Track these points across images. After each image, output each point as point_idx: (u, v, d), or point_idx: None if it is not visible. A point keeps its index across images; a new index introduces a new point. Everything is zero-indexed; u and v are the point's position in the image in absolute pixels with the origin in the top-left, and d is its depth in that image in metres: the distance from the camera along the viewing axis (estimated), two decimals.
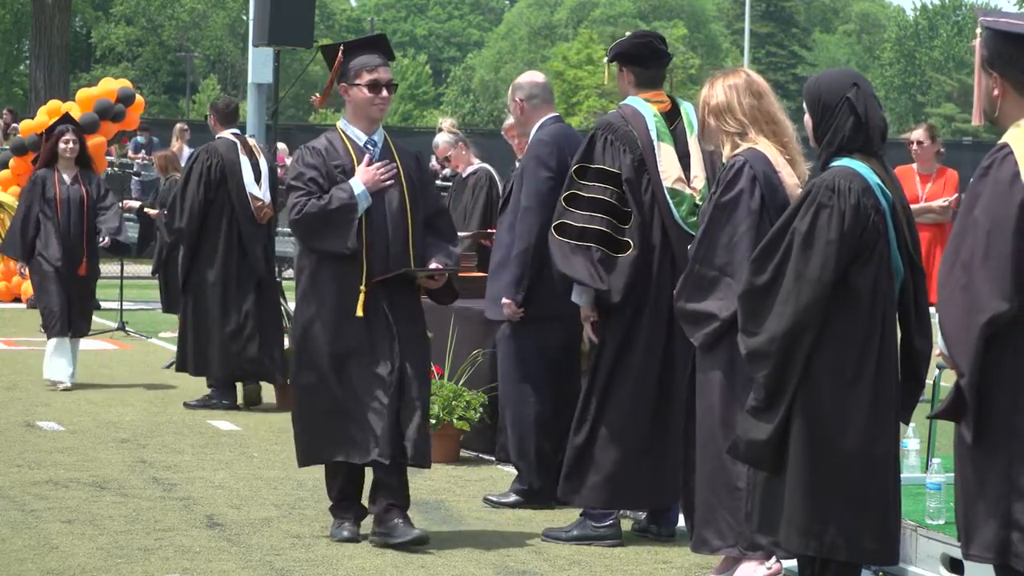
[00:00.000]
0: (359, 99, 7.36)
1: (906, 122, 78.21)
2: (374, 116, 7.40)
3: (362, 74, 7.33)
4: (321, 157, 7.31)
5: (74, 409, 11.57)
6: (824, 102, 5.60)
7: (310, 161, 7.30)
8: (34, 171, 13.18)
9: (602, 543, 7.53)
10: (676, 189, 7.44)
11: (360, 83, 7.33)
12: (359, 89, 7.34)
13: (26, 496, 8.34)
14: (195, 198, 11.90)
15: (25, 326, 17.70)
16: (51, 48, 33.55)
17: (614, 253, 7.38)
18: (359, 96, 7.35)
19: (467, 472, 9.35)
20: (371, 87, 7.33)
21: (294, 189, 7.28)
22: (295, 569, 6.91)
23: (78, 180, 12.86)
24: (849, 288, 5.43)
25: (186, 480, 8.93)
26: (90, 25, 78.63)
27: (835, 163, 5.54)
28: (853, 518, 5.46)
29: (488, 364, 9.47)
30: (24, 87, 61.45)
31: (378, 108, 7.38)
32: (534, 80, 8.60)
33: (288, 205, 7.27)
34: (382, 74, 7.36)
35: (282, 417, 11.41)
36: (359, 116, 7.40)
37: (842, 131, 5.57)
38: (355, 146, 7.39)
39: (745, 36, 58.74)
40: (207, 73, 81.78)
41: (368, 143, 7.41)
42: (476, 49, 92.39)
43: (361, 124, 7.41)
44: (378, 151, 7.40)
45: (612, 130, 7.50)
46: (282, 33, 14.70)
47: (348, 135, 7.40)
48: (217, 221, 11.94)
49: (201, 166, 11.98)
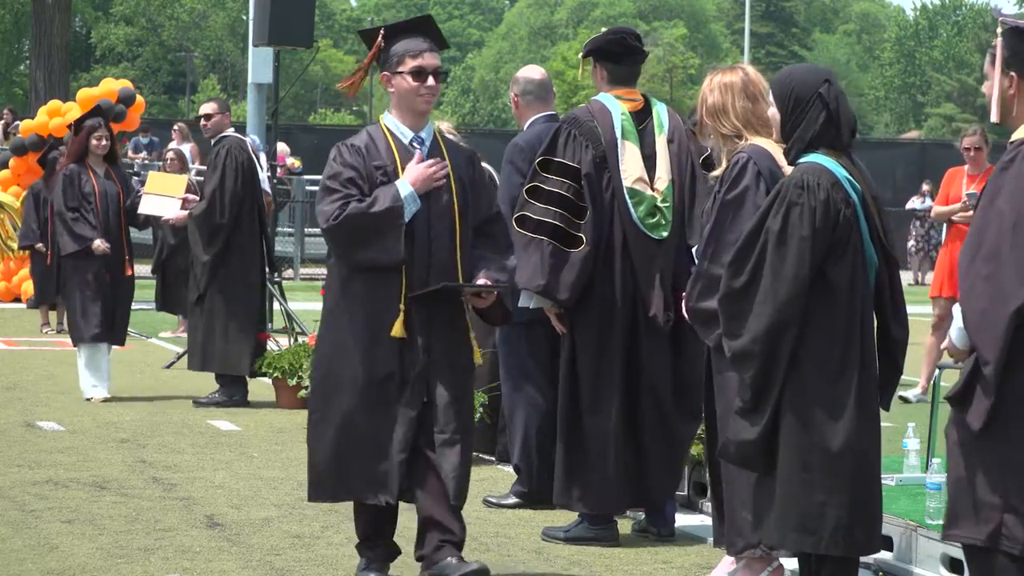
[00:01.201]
0: (403, 89, 6.40)
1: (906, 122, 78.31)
2: (420, 109, 6.43)
3: (405, 60, 6.38)
4: (360, 156, 6.37)
5: (74, 409, 11.57)
6: (796, 96, 5.66)
7: (348, 160, 6.37)
8: (64, 166, 12.74)
9: (600, 544, 7.54)
10: (636, 189, 7.44)
11: (403, 71, 6.37)
12: (402, 78, 6.38)
13: (26, 496, 8.34)
14: (235, 192, 11.99)
15: (25, 326, 17.71)
16: (51, 48, 33.57)
17: (566, 248, 7.39)
18: (402, 86, 6.39)
19: None
20: (416, 75, 6.35)
21: (330, 192, 6.34)
22: (295, 569, 6.91)
23: (111, 175, 12.50)
24: (827, 282, 5.50)
25: (186, 480, 8.93)
26: (90, 25, 78.64)
27: (803, 159, 5.60)
28: (846, 512, 5.49)
29: (488, 364, 9.45)
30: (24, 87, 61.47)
31: (424, 99, 6.40)
32: (529, 76, 8.58)
33: (323, 210, 6.34)
34: (428, 60, 6.38)
35: (282, 417, 11.42)
36: (404, 109, 6.45)
37: (813, 126, 5.64)
38: (399, 144, 6.44)
39: (745, 36, 58.72)
40: (207, 73, 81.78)
41: (415, 140, 6.46)
42: (476, 49, 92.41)
43: (406, 118, 6.46)
44: (426, 150, 6.44)
45: (576, 124, 7.50)
46: (282, 33, 14.73)
47: (392, 131, 6.46)
48: (248, 220, 12.04)
49: (235, 161, 12.04)
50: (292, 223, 27.55)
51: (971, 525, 4.88)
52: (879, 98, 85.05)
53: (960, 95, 77.92)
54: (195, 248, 12.10)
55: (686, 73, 72.12)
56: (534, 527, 7.87)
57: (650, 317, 7.44)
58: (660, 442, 7.53)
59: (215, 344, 11.99)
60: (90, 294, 12.09)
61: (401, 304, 6.30)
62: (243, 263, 12.01)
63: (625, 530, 7.76)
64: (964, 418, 4.90)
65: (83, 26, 77.55)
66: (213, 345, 12.00)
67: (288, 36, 15.02)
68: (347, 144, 6.40)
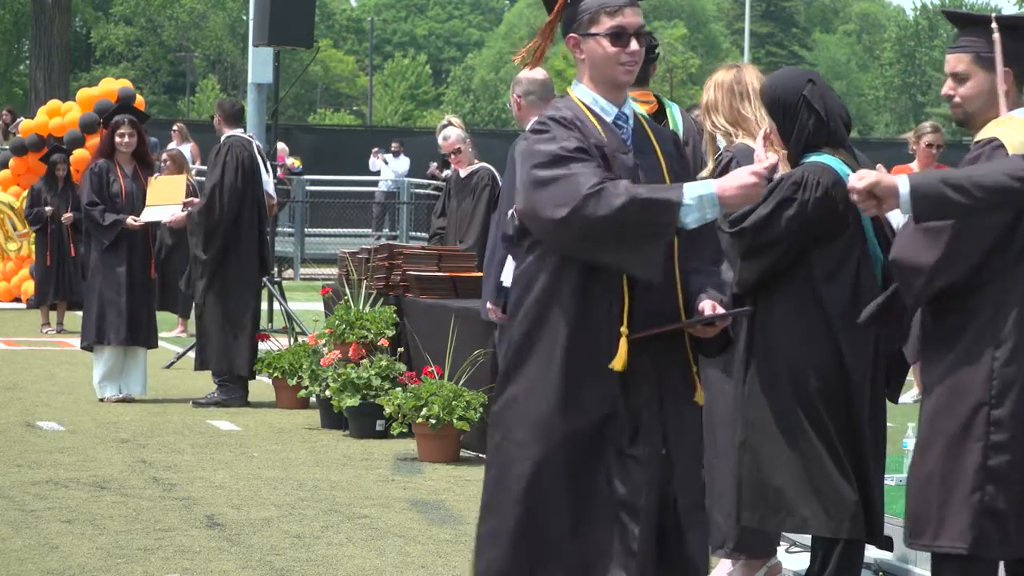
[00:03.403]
0: (597, 56, 4.90)
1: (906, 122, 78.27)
2: (620, 80, 4.93)
3: (600, 19, 4.91)
4: (576, 129, 4.84)
5: (74, 409, 11.57)
6: (783, 103, 5.73)
7: (566, 132, 4.82)
8: (92, 160, 12.56)
9: None
10: None
11: (598, 32, 4.89)
12: (596, 41, 4.89)
13: (26, 496, 8.35)
14: (234, 188, 11.98)
15: (25, 326, 17.71)
16: (51, 48, 33.58)
17: None
18: (597, 52, 4.90)
19: (467, 472, 9.35)
20: (614, 38, 4.86)
21: (561, 161, 4.70)
22: (295, 569, 6.91)
23: (138, 174, 12.29)
24: (809, 270, 5.61)
25: (186, 480, 8.93)
26: (90, 25, 78.66)
27: (806, 160, 5.66)
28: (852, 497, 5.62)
29: (488, 364, 9.48)
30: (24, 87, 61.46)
31: (626, 68, 4.91)
32: (532, 77, 8.58)
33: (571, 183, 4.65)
34: (629, 18, 4.91)
35: (282, 417, 11.42)
36: (600, 80, 4.93)
37: (806, 128, 5.70)
38: (603, 123, 4.90)
39: (745, 36, 58.74)
40: (207, 73, 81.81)
41: (619, 119, 4.94)
42: (476, 49, 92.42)
43: (605, 91, 4.93)
44: (629, 131, 4.94)
45: None
46: (282, 33, 14.73)
47: (589, 106, 4.92)
48: (248, 218, 12.03)
49: (236, 159, 12.04)
50: (292, 223, 27.56)
51: (956, 533, 4.90)
52: (879, 98, 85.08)
53: None
54: (193, 247, 12.10)
55: (686, 73, 72.14)
56: None
57: None
58: None
59: (212, 344, 12.00)
60: (115, 298, 11.94)
61: (623, 327, 4.68)
62: (241, 263, 12.00)
63: None
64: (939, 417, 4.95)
65: (83, 26, 77.57)
66: (211, 345, 12.01)
67: (288, 36, 15.02)
68: (551, 117, 4.88)
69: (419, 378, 9.78)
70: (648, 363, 4.70)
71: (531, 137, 4.83)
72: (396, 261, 10.93)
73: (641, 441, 4.67)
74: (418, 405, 9.47)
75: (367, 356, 10.42)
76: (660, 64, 8.10)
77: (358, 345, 10.47)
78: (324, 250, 27.25)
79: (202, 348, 12.08)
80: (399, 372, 10.21)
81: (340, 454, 9.89)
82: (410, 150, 35.10)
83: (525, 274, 4.79)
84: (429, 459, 9.60)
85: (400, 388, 9.86)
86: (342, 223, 30.03)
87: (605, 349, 4.66)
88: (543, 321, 4.72)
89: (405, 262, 10.89)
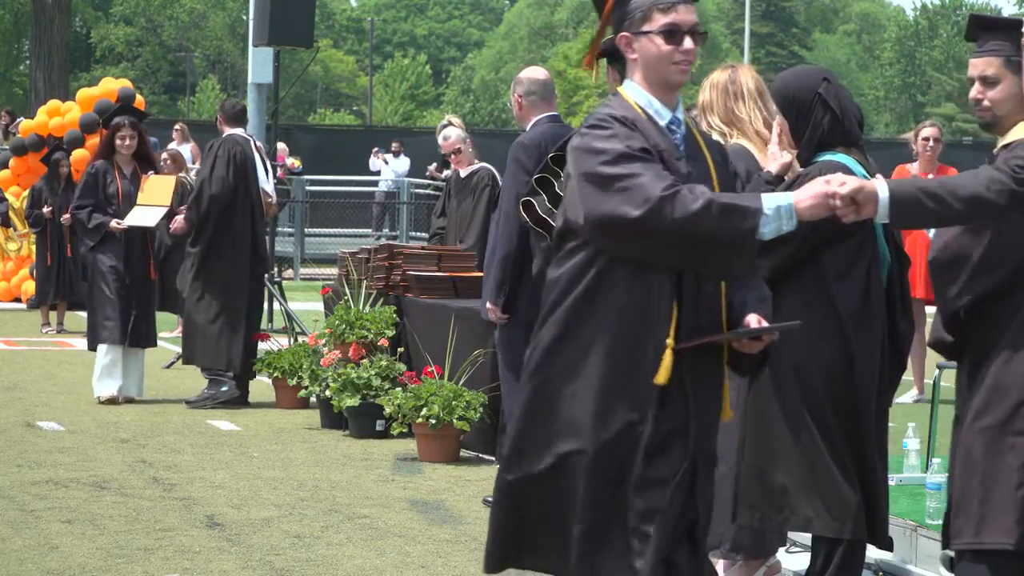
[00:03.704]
0: (650, 55, 4.68)
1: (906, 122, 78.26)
2: (674, 80, 4.71)
3: (653, 16, 4.68)
4: (637, 129, 4.61)
5: (74, 409, 11.57)
6: (797, 101, 5.70)
7: (628, 131, 4.58)
8: (90, 161, 12.56)
9: None
10: None
11: (650, 30, 4.67)
12: (649, 40, 4.67)
13: (26, 496, 8.34)
14: (224, 181, 11.96)
15: (25, 326, 17.71)
16: (51, 48, 33.58)
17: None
18: (649, 50, 4.68)
19: (467, 472, 9.35)
20: (668, 36, 4.64)
21: (628, 160, 4.48)
22: (295, 569, 6.91)
23: (137, 175, 12.24)
24: (820, 270, 5.59)
25: (186, 480, 8.93)
26: (90, 25, 78.67)
27: (820, 158, 5.63)
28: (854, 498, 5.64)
29: (488, 364, 9.48)
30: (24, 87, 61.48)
31: (679, 68, 4.69)
32: (534, 76, 8.58)
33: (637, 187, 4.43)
34: (683, 15, 4.68)
35: (282, 417, 11.42)
36: (653, 80, 4.70)
37: (820, 127, 5.67)
38: (656, 127, 4.68)
39: (745, 36, 58.73)
40: (207, 73, 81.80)
41: (672, 123, 4.70)
42: (476, 49, 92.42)
43: (658, 93, 4.71)
44: (681, 136, 4.71)
45: None
46: (282, 33, 14.73)
47: (644, 108, 4.69)
48: (240, 213, 12.01)
49: (227, 153, 12.06)
50: (292, 223, 27.56)
51: (1004, 528, 4.90)
52: (879, 98, 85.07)
53: (960, 95, 77.85)
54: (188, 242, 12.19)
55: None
56: None
57: None
58: None
59: (198, 338, 12.02)
60: (112, 297, 11.92)
61: (670, 340, 4.48)
62: (231, 258, 11.97)
63: None
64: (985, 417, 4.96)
65: (83, 26, 77.57)
66: (196, 339, 12.04)
67: (288, 36, 15.02)
68: (611, 115, 4.63)
69: (419, 378, 9.78)
70: (683, 375, 4.51)
71: (589, 133, 4.57)
72: (396, 261, 10.93)
73: (664, 458, 4.50)
74: (418, 405, 9.47)
75: (367, 356, 10.42)
76: None
77: (358, 345, 10.47)
78: (324, 250, 27.24)
79: (187, 342, 12.13)
80: (399, 372, 10.20)
81: (340, 454, 9.89)
82: (410, 150, 35.09)
83: (565, 276, 4.56)
84: (429, 459, 9.60)
85: (400, 388, 9.86)
86: (342, 223, 30.03)
87: (645, 359, 4.47)
88: (581, 325, 4.52)
89: (405, 262, 10.89)
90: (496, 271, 8.23)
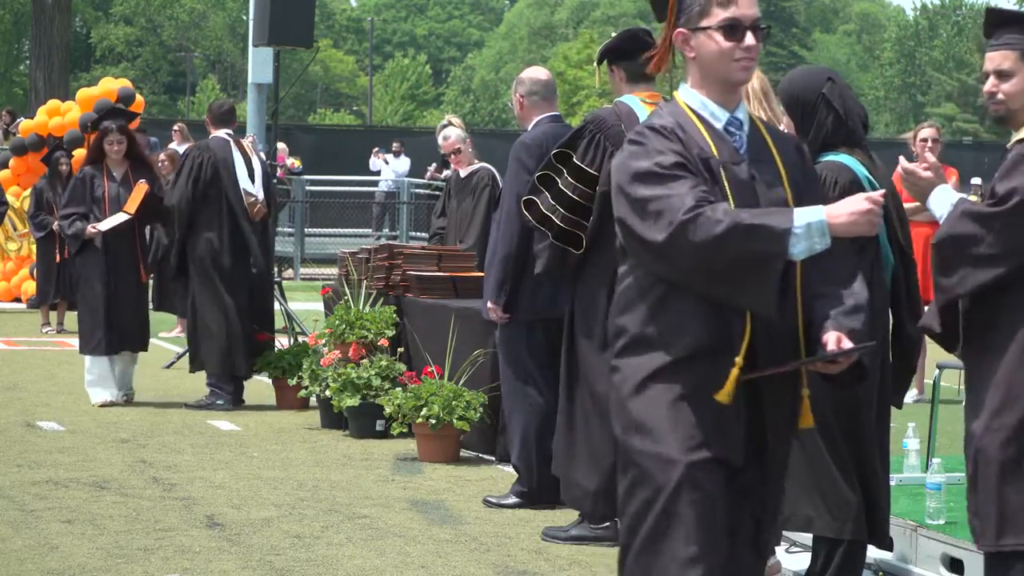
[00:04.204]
0: (709, 53, 4.41)
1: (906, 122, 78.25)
2: (735, 79, 4.41)
3: (711, 10, 4.39)
4: (677, 140, 4.34)
5: (74, 409, 11.57)
6: (802, 101, 5.71)
7: (664, 144, 4.32)
8: (80, 167, 12.36)
9: (600, 543, 7.54)
10: None
11: (709, 25, 4.38)
12: (708, 36, 4.39)
13: (26, 496, 8.34)
14: (183, 193, 11.95)
15: (25, 326, 17.71)
16: (51, 48, 33.58)
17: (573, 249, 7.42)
18: (708, 48, 4.40)
19: (467, 472, 9.35)
20: (728, 31, 4.36)
21: (659, 180, 4.25)
22: (295, 569, 6.91)
23: (128, 179, 12.03)
24: None
25: (186, 480, 8.93)
26: (90, 25, 78.69)
27: (823, 159, 5.63)
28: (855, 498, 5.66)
29: (488, 364, 9.48)
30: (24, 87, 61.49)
31: (741, 66, 4.39)
32: (536, 77, 8.58)
33: (664, 207, 4.21)
34: (744, 9, 4.38)
35: (282, 417, 11.41)
36: (711, 81, 4.43)
37: (824, 127, 5.67)
38: (711, 130, 4.39)
39: None
40: (207, 73, 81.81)
41: (730, 124, 4.42)
42: (476, 49, 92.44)
43: (715, 93, 4.43)
44: (744, 138, 4.42)
45: (603, 127, 7.45)
46: (282, 33, 14.70)
47: (697, 112, 4.43)
48: (211, 217, 11.97)
49: (192, 162, 12.06)
50: (292, 223, 27.55)
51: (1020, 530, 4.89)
52: (879, 98, 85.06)
53: (960, 95, 77.90)
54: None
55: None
56: (534, 527, 7.87)
57: None
58: None
59: (198, 346, 12.04)
60: (93, 305, 11.79)
61: (739, 358, 4.20)
62: (213, 265, 11.93)
63: None
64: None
65: (83, 26, 77.58)
66: (198, 347, 12.05)
67: (288, 36, 14.99)
68: (649, 126, 4.40)
69: (419, 378, 9.78)
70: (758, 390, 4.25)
71: (626, 150, 4.36)
72: (396, 261, 10.92)
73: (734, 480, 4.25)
74: (418, 405, 9.47)
75: (367, 356, 10.41)
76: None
77: (358, 345, 10.46)
78: (324, 250, 27.23)
79: (189, 348, 12.21)
80: (399, 372, 10.20)
81: (340, 454, 9.89)
82: (410, 150, 35.10)
83: (630, 291, 4.33)
84: (429, 459, 9.60)
85: (400, 388, 9.86)
86: (342, 223, 30.02)
87: (712, 377, 4.18)
88: (645, 343, 4.26)
89: (405, 262, 10.89)
90: (497, 270, 8.23)
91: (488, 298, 8.31)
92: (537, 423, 8.27)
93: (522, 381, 8.35)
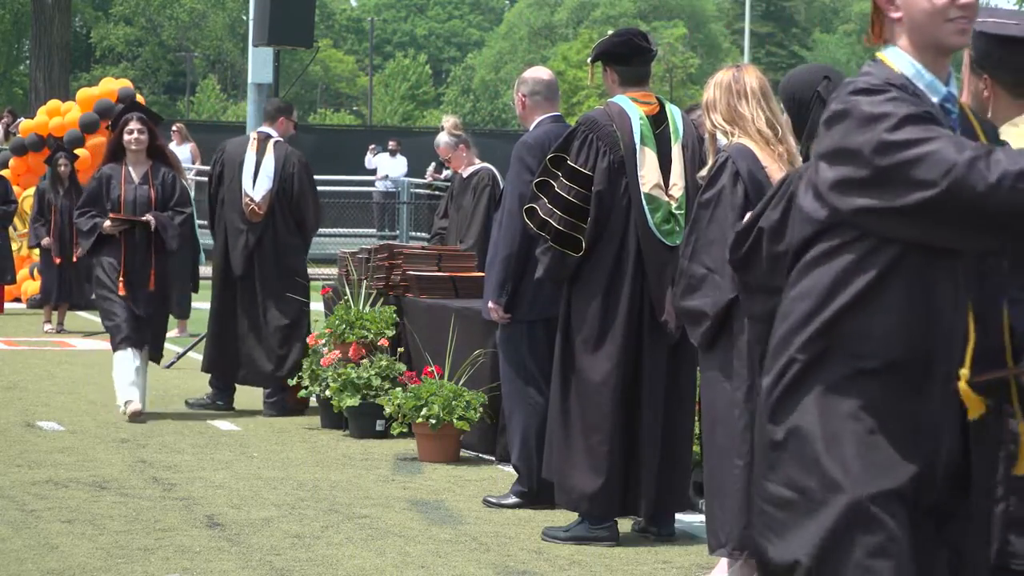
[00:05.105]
0: (919, 11, 3.75)
1: None
2: (950, 43, 3.76)
3: None
4: (918, 99, 3.70)
5: (74, 409, 11.57)
6: (798, 99, 5.75)
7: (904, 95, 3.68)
8: (98, 166, 11.70)
9: (600, 544, 7.54)
10: (653, 195, 7.44)
11: None
12: None
13: (26, 496, 8.34)
14: (208, 193, 12.05)
15: (25, 326, 17.70)
16: (51, 48, 33.59)
17: (572, 252, 7.43)
18: (919, 5, 3.75)
19: (467, 472, 9.35)
20: None
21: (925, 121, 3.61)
22: (295, 569, 6.91)
23: (148, 178, 11.30)
24: None
25: (186, 480, 8.93)
26: (90, 25, 78.67)
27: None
28: None
29: (488, 364, 9.48)
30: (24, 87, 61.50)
31: (957, 27, 3.75)
32: (538, 76, 8.59)
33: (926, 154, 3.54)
34: None
35: (282, 417, 11.41)
36: (922, 45, 3.78)
37: (818, 124, 5.67)
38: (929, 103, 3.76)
39: (745, 36, 58.75)
40: (207, 73, 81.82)
41: (947, 100, 3.80)
42: (476, 49, 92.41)
43: (928, 60, 3.78)
44: (956, 119, 3.82)
45: (595, 128, 7.48)
46: (282, 33, 14.72)
47: (912, 79, 3.76)
48: (220, 217, 11.98)
49: (212, 158, 12.19)
50: None
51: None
52: None
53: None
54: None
55: (686, 73, 72.13)
56: (534, 527, 7.87)
57: (660, 323, 7.44)
58: (655, 455, 7.52)
59: (208, 348, 12.05)
60: (111, 301, 11.17)
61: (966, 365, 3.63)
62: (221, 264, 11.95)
63: (625, 530, 7.76)
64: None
65: (83, 26, 77.57)
66: (207, 349, 12.07)
67: (288, 36, 15.01)
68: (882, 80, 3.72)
69: (419, 378, 9.78)
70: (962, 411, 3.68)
71: (853, 99, 3.68)
72: (396, 261, 10.92)
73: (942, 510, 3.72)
74: (418, 405, 9.47)
75: (367, 356, 10.42)
76: (660, 64, 8.15)
77: (358, 345, 10.47)
78: (324, 250, 27.23)
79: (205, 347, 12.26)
80: (399, 372, 10.21)
81: (340, 454, 9.89)
82: (410, 150, 35.11)
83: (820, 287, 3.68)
84: (429, 459, 9.60)
85: (400, 388, 9.86)
86: (342, 223, 30.03)
87: (927, 393, 3.62)
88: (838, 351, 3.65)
89: (405, 262, 10.89)
90: (498, 270, 8.23)
91: (489, 298, 8.31)
92: (537, 423, 8.27)
93: (523, 381, 8.35)
